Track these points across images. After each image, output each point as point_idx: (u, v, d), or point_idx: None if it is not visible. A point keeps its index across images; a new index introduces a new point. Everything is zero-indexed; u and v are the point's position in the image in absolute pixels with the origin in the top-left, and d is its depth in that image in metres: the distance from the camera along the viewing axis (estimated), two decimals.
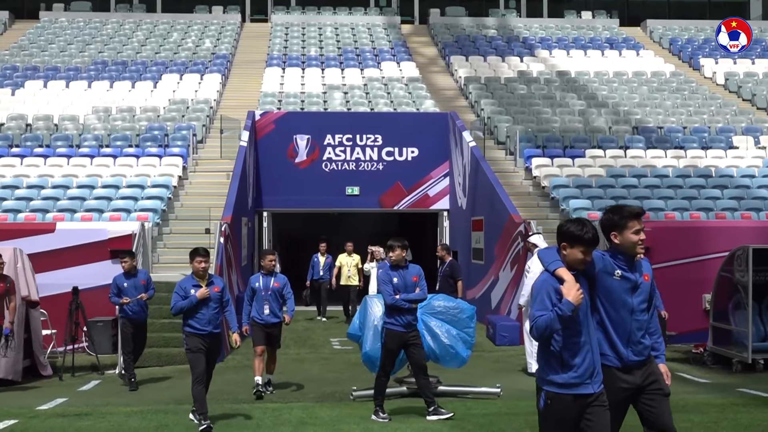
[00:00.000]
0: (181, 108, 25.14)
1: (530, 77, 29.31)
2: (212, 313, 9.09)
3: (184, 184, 20.93)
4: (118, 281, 12.00)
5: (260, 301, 11.02)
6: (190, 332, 8.94)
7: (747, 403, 10.07)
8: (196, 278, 9.08)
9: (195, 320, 8.96)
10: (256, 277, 11.24)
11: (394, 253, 9.38)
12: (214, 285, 9.18)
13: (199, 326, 8.94)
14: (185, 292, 9.10)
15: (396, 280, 9.29)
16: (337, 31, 34.91)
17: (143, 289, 12.03)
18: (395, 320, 9.21)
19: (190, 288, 9.11)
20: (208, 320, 9.03)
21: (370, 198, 22.07)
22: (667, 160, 21.98)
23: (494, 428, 8.73)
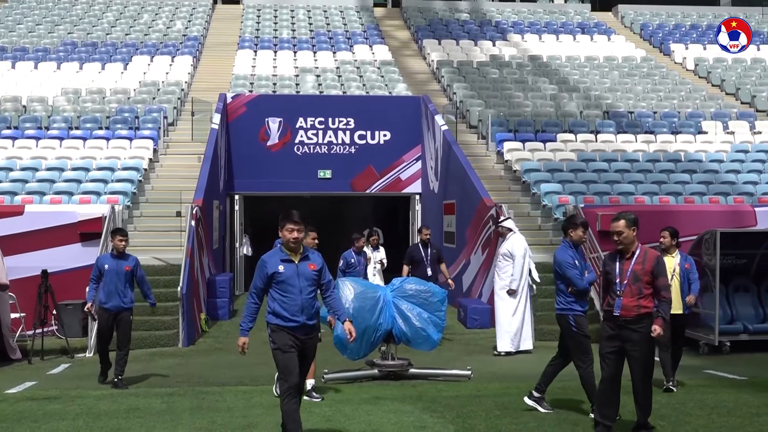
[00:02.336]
0: (151, 90, 24.91)
1: (502, 61, 29.36)
2: (306, 299, 7.05)
3: (155, 167, 20.78)
4: (101, 262, 10.71)
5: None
6: (278, 325, 7.02)
7: (713, 385, 10.23)
8: (286, 251, 7.06)
9: (283, 308, 6.99)
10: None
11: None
12: (309, 261, 7.13)
13: (287, 315, 6.95)
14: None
15: None
16: (310, 14, 34.73)
17: (124, 277, 10.55)
18: (581, 305, 8.56)
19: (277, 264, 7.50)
20: (300, 307, 6.99)
21: (342, 181, 22.05)
22: (638, 144, 22.15)
23: (465, 410, 8.80)
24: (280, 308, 6.99)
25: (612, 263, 7.61)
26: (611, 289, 7.53)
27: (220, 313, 16.31)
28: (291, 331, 6.96)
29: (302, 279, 7.02)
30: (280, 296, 6.99)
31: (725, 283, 13.34)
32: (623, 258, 7.56)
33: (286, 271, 7.01)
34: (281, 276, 6.98)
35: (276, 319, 7.01)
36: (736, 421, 8.29)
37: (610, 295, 7.54)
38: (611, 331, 7.48)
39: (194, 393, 9.81)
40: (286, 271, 7.01)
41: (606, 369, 7.50)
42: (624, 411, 7.97)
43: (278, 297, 7.00)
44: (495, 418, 8.44)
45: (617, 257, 7.60)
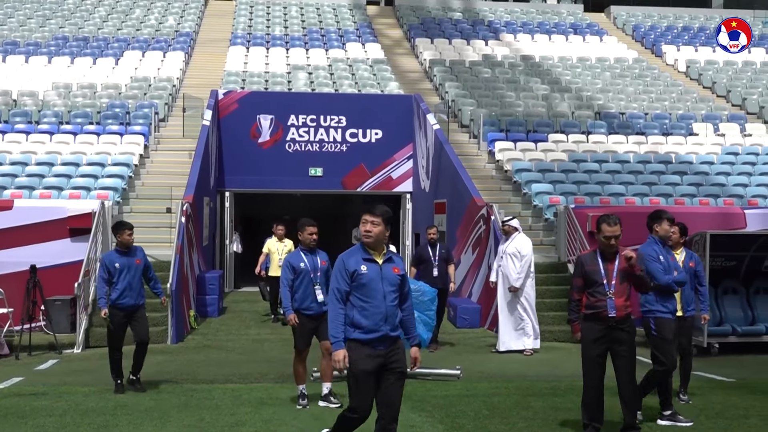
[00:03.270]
0: (143, 86, 24.84)
1: (495, 61, 29.37)
2: (390, 306, 6.05)
3: (146, 163, 20.72)
4: (109, 260, 10.01)
5: (307, 286, 8.85)
6: (356, 340, 5.97)
7: (701, 386, 10.24)
8: (368, 250, 6.07)
9: (363, 316, 6.00)
10: (298, 256, 9.00)
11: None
12: (393, 264, 6.16)
13: (368, 325, 5.97)
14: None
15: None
16: (302, 11, 34.68)
17: (137, 271, 10.07)
18: (665, 306, 8.20)
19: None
20: (384, 316, 6.01)
21: (334, 179, 22.00)
22: (629, 145, 22.19)
23: (454, 410, 8.80)
24: (360, 317, 5.95)
25: (594, 264, 7.51)
26: (596, 290, 7.43)
27: (210, 311, 16.26)
28: (372, 344, 5.92)
29: (386, 283, 6.02)
30: (361, 302, 5.97)
31: (714, 284, 13.37)
32: (606, 259, 7.51)
33: (369, 272, 6.00)
34: (363, 278, 5.98)
35: (354, 332, 5.96)
36: (725, 422, 8.31)
37: (594, 295, 7.45)
38: (599, 333, 7.43)
39: (182, 390, 9.78)
40: (369, 273, 6.00)
41: (595, 373, 7.47)
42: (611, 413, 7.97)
43: (358, 303, 5.98)
44: (484, 418, 8.44)
45: (598, 258, 7.53)
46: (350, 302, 5.99)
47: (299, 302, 8.83)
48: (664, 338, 8.13)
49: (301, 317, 8.83)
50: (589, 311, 7.51)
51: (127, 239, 10.12)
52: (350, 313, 5.97)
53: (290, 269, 8.84)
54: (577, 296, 7.62)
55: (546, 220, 18.03)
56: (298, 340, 8.98)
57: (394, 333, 6.02)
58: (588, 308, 7.52)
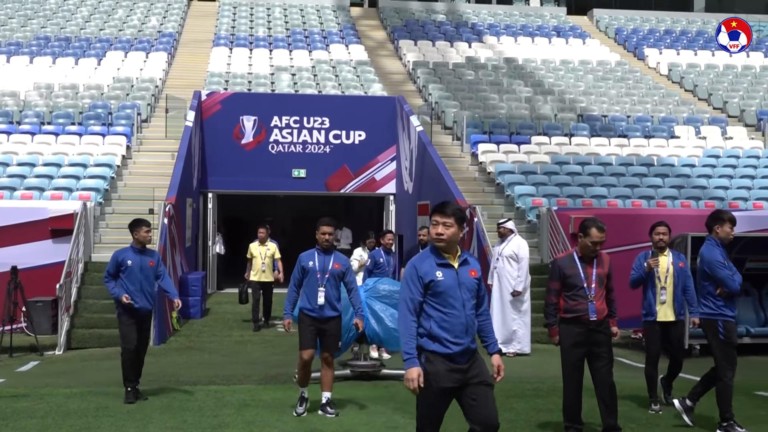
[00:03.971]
0: (125, 86, 24.74)
1: (478, 63, 29.45)
2: (470, 315, 5.62)
3: (128, 164, 20.63)
4: (121, 256, 9.59)
5: (313, 287, 8.56)
6: (435, 352, 5.43)
7: (681, 388, 10.26)
8: (441, 253, 5.47)
9: (442, 327, 5.48)
10: (310, 255, 8.71)
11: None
12: (470, 267, 5.57)
13: (449, 337, 5.43)
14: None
15: None
16: (286, 12, 34.64)
17: (149, 272, 9.64)
18: (732, 310, 8.03)
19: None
20: (465, 327, 5.51)
21: (317, 181, 21.99)
22: (611, 148, 22.30)
23: None
24: (439, 328, 5.34)
25: (573, 267, 7.47)
26: (576, 293, 7.39)
27: (192, 312, 16.20)
28: (452, 358, 5.34)
29: (464, 289, 5.43)
30: (439, 312, 5.36)
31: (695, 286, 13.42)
32: (584, 262, 7.51)
33: (445, 278, 5.39)
34: (440, 285, 5.36)
35: (433, 344, 5.35)
36: (704, 422, 8.35)
37: (573, 299, 7.40)
38: (579, 337, 7.40)
39: (165, 392, 9.74)
40: (445, 279, 5.38)
41: (575, 376, 7.47)
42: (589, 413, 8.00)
43: (435, 313, 5.36)
44: None
45: (576, 261, 7.52)
46: (425, 312, 5.38)
47: (305, 301, 8.57)
48: (732, 342, 7.94)
49: (305, 316, 8.57)
50: (569, 315, 7.45)
51: (144, 236, 9.63)
52: (426, 324, 5.35)
53: (299, 268, 8.61)
54: (554, 300, 7.54)
55: (529, 222, 18.09)
56: (302, 339, 8.59)
57: (474, 345, 5.46)
58: (567, 312, 7.46)
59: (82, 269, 15.12)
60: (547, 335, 7.94)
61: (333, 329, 8.63)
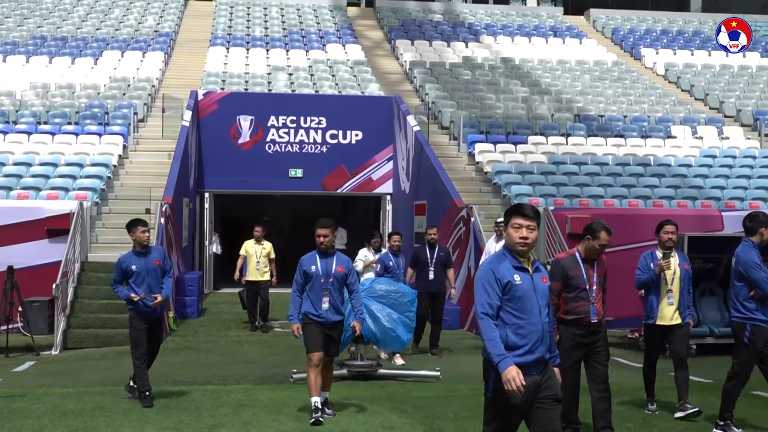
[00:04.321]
0: (122, 86, 24.71)
1: (475, 63, 29.45)
2: (545, 323, 5.45)
3: (125, 164, 20.61)
4: (125, 263, 9.25)
5: (317, 291, 8.38)
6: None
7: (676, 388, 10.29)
8: (517, 256, 5.18)
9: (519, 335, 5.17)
10: (311, 258, 8.49)
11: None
12: (542, 273, 5.36)
13: (526, 345, 5.16)
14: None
15: None
16: (283, 12, 34.61)
17: (156, 273, 9.33)
18: (764, 314, 7.69)
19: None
20: (541, 335, 5.24)
21: (314, 180, 21.99)
22: (608, 148, 22.31)
23: (433, 411, 8.82)
24: (515, 336, 5.04)
25: (577, 269, 7.42)
26: (579, 295, 7.37)
27: (189, 312, 16.19)
28: (528, 368, 5.00)
29: (540, 295, 5.15)
30: (516, 319, 5.05)
31: (692, 286, 13.43)
32: (587, 264, 7.48)
33: (523, 283, 5.10)
34: (518, 290, 5.06)
35: (519, 349, 5.05)
36: (701, 423, 8.37)
37: (576, 300, 7.37)
38: (581, 339, 7.40)
39: (161, 392, 9.73)
40: (523, 284, 5.09)
41: (573, 376, 7.42)
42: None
43: (512, 320, 5.06)
44: (463, 420, 8.46)
45: (580, 262, 7.46)
46: (500, 319, 5.06)
47: (310, 306, 8.33)
48: (756, 347, 7.70)
49: (310, 320, 8.32)
50: (570, 317, 7.40)
51: (141, 236, 9.24)
52: (501, 333, 5.03)
53: (301, 273, 8.37)
54: (554, 300, 7.31)
55: None
56: (309, 344, 8.32)
57: (548, 355, 5.21)
58: (568, 313, 7.41)
59: (78, 269, 15.10)
60: None
61: (336, 335, 8.55)
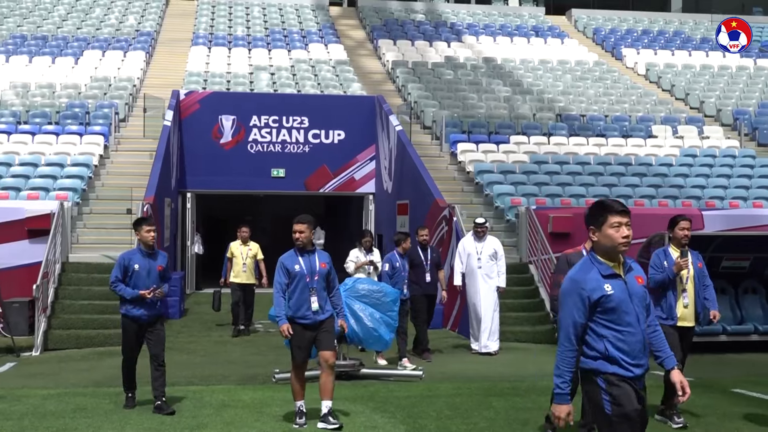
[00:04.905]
0: (103, 85, 24.59)
1: (457, 63, 29.50)
2: (644, 331, 5.39)
3: (106, 163, 20.51)
4: (128, 260, 8.79)
5: (303, 292, 7.92)
6: (617, 375, 4.65)
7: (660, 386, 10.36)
8: (606, 261, 4.68)
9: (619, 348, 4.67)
10: (292, 257, 8.04)
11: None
12: (635, 273, 4.78)
13: (628, 360, 4.68)
14: None
15: None
16: (265, 11, 34.56)
17: (157, 279, 8.87)
18: None
19: None
20: (643, 345, 4.94)
21: (296, 180, 21.96)
22: (589, 147, 22.41)
23: (416, 410, 8.82)
24: (615, 350, 4.56)
25: None
26: None
27: (171, 312, 16.12)
28: (635, 382, 4.58)
29: (636, 301, 4.64)
30: (612, 330, 4.57)
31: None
32: None
33: (615, 291, 4.59)
34: (611, 300, 4.56)
35: (612, 366, 4.58)
36: (687, 419, 8.41)
37: None
38: None
39: (143, 393, 9.68)
40: (616, 292, 4.58)
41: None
42: None
43: (608, 332, 4.58)
44: (446, 419, 8.47)
45: None
46: (592, 332, 4.59)
47: (294, 310, 7.89)
48: None
49: (296, 326, 7.89)
50: None
51: (145, 236, 8.76)
52: (598, 346, 4.57)
53: (284, 272, 7.91)
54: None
55: (507, 221, 18.14)
56: (295, 352, 8.01)
57: (648, 365, 4.74)
58: None
59: (59, 270, 15.01)
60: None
61: (327, 328, 7.98)
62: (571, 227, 15.71)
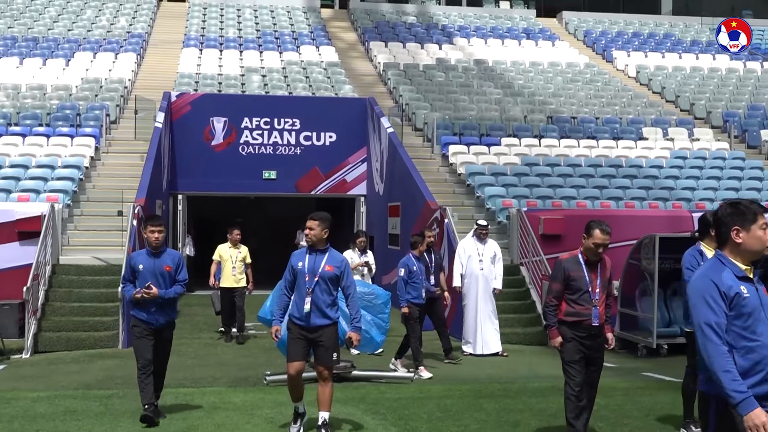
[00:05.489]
0: (94, 87, 24.54)
1: (448, 65, 29.54)
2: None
3: (97, 165, 20.47)
4: (133, 260, 8.47)
5: (300, 290, 7.62)
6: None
7: (650, 387, 10.41)
8: (739, 263, 4.28)
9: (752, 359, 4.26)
10: (301, 254, 7.78)
11: None
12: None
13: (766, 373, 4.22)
14: None
15: None
16: (256, 13, 34.54)
17: (165, 280, 8.35)
18: None
19: None
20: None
21: (287, 182, 21.94)
22: (580, 149, 22.46)
23: (407, 412, 8.83)
24: (745, 361, 4.12)
25: (579, 270, 7.22)
26: (582, 297, 7.16)
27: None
28: (763, 402, 4.06)
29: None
30: (744, 340, 4.14)
31: (663, 286, 13.57)
32: (589, 266, 7.25)
33: (751, 296, 4.18)
34: (746, 304, 4.15)
35: (750, 378, 4.10)
36: (673, 422, 8.45)
37: (579, 303, 7.17)
38: (581, 340, 7.20)
39: (134, 395, 9.65)
40: (751, 297, 4.18)
41: (577, 376, 7.19)
42: None
43: (739, 342, 4.14)
44: (437, 420, 8.48)
45: (582, 264, 7.25)
46: (729, 342, 4.13)
47: (293, 307, 7.66)
48: None
49: (293, 324, 7.62)
50: (571, 318, 7.20)
51: (149, 236, 8.34)
52: (730, 360, 4.11)
53: (289, 269, 7.67)
54: (555, 301, 7.26)
55: (499, 223, 18.16)
56: (289, 350, 7.68)
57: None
58: (569, 315, 7.22)
59: (49, 272, 14.98)
60: (548, 338, 7.45)
61: (325, 339, 7.56)
62: (562, 229, 15.75)
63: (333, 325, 7.63)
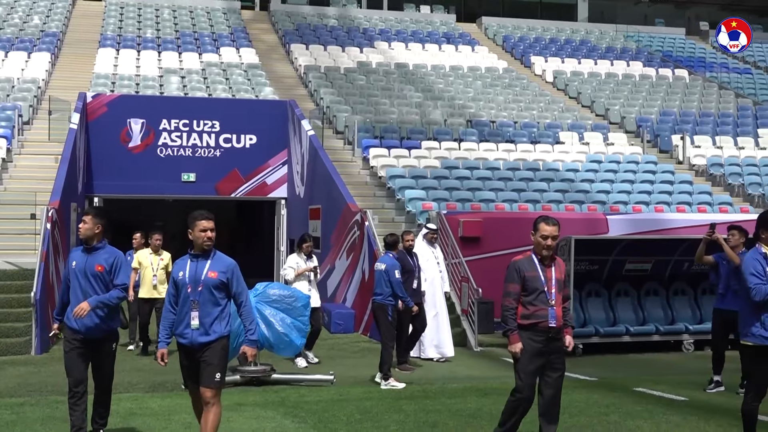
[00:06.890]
0: (5, 87, 23.87)
1: (369, 68, 29.64)
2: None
3: (8, 167, 19.92)
4: (70, 256, 7.45)
5: (185, 304, 6.56)
6: None
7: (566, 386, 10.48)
8: None
9: None
10: (182, 263, 6.69)
11: None
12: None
13: None
14: None
15: None
16: (175, 14, 34.08)
17: (98, 282, 7.18)
18: None
19: None
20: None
21: (207, 185, 21.69)
22: (499, 153, 22.79)
23: (327, 414, 8.84)
24: None
25: (534, 270, 6.98)
26: (537, 298, 6.91)
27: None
28: None
29: None
30: None
31: (579, 288, 13.88)
32: (544, 265, 7.04)
33: None
34: None
35: None
36: (586, 420, 8.65)
37: (534, 304, 6.90)
38: (539, 345, 6.92)
39: (47, 402, 9.45)
40: None
41: (530, 387, 7.00)
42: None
43: None
44: (356, 423, 8.51)
45: (536, 263, 7.04)
46: None
47: (176, 325, 6.63)
48: None
49: (179, 345, 6.67)
50: (527, 321, 6.91)
51: (81, 226, 7.30)
52: None
53: (171, 282, 6.69)
54: (514, 304, 6.95)
55: (419, 226, 18.28)
56: (184, 378, 6.89)
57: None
58: (524, 318, 6.92)
59: None
60: (507, 343, 7.13)
61: (209, 357, 6.51)
62: (480, 231, 15.94)
63: (220, 340, 6.57)
